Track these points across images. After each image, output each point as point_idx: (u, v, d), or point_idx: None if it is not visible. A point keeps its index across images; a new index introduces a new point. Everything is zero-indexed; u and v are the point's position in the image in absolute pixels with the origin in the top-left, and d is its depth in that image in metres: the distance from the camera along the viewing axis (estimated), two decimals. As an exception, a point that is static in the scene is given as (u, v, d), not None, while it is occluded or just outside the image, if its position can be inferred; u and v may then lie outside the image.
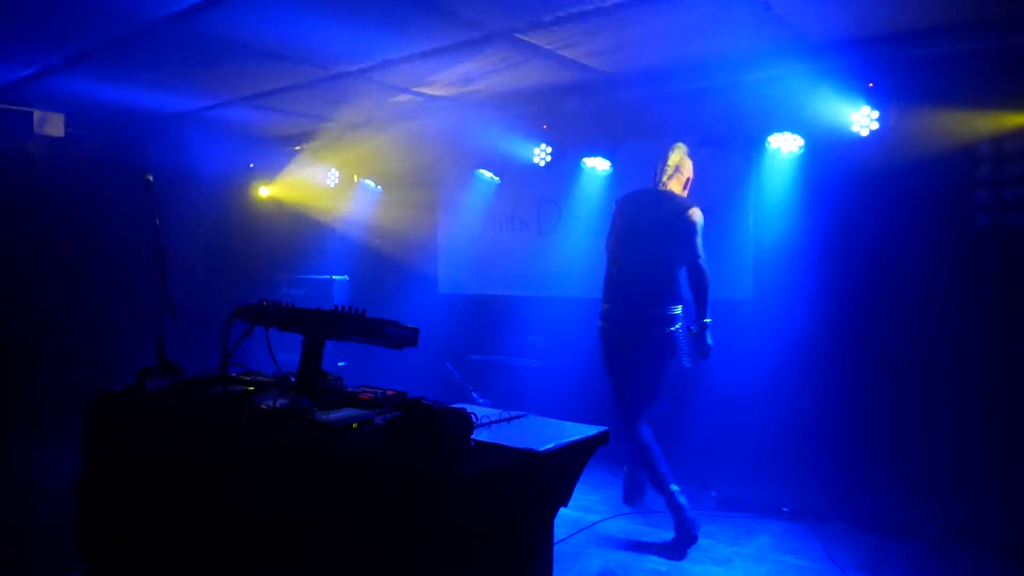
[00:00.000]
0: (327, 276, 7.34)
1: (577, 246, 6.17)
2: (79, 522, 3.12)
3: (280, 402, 2.54)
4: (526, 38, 4.71)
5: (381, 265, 7.64)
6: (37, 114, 5.68)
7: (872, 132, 4.67)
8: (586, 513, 4.67)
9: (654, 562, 3.99)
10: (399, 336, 2.54)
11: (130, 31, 4.65)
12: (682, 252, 4.22)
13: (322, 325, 2.63)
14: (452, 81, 5.68)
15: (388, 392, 2.84)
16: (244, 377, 3.01)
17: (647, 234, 4.35)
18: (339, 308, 2.60)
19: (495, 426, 2.43)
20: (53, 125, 4.19)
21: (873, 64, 4.60)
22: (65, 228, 6.49)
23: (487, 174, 6.77)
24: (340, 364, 6.88)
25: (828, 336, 4.96)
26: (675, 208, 4.28)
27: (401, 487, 2.02)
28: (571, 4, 4.13)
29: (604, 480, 5.22)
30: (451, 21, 4.45)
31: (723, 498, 4.93)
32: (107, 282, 6.60)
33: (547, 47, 4.90)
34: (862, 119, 4.69)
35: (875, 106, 4.66)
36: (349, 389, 2.90)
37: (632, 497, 4.73)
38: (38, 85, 6.02)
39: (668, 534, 4.23)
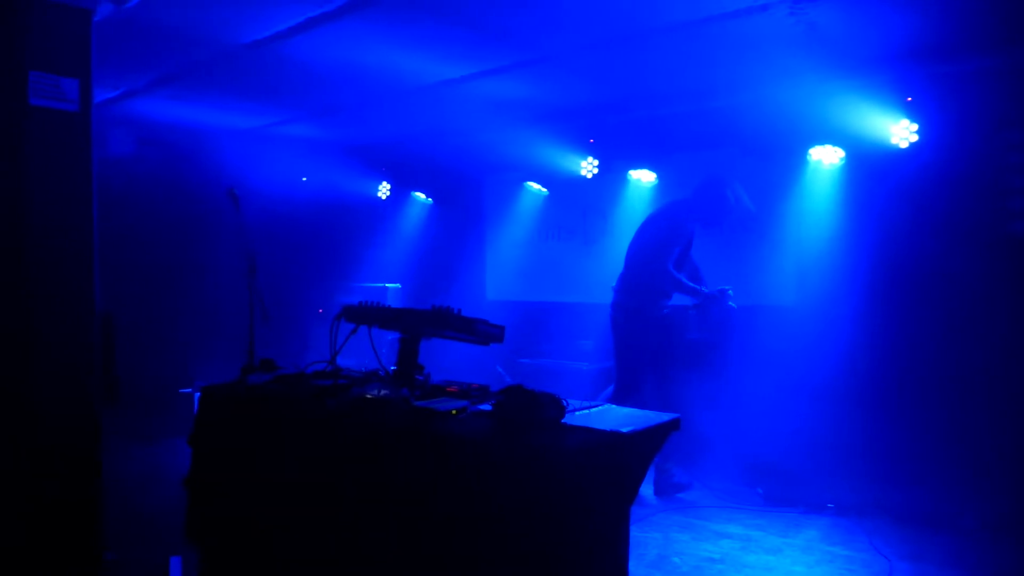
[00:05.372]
0: (380, 284, 7.67)
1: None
2: (188, 509, 3.43)
3: (383, 392, 2.84)
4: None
5: (431, 273, 7.96)
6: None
7: (911, 144, 4.90)
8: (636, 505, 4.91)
9: (707, 549, 4.23)
10: (489, 333, 2.83)
11: (212, 57, 5.04)
12: None
13: (421, 323, 2.92)
14: (504, 97, 5.99)
15: (473, 385, 3.12)
16: (340, 372, 3.32)
17: None
18: (436, 307, 2.89)
19: (580, 412, 2.70)
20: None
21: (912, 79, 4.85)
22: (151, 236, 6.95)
23: (535, 186, 7.05)
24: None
25: (868, 339, 5.17)
26: None
27: (506, 464, 2.30)
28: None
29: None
30: (505, 44, 4.78)
31: (769, 495, 5.15)
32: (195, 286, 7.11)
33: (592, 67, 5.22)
34: (901, 131, 4.92)
35: (914, 119, 4.89)
36: (435, 383, 3.20)
37: (663, 489, 5.06)
38: (114, 107, 6.45)
39: (713, 525, 4.57)
